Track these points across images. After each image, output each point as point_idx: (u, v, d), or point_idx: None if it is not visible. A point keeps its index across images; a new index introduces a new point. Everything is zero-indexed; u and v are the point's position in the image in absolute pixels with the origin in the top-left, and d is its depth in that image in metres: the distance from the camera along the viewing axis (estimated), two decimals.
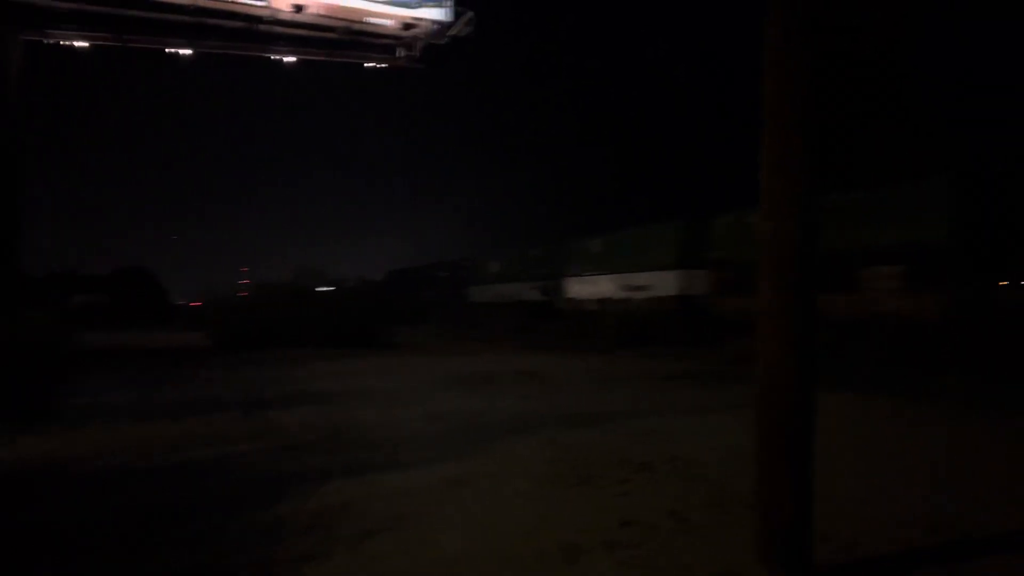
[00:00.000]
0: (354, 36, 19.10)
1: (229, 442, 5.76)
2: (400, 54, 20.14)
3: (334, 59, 19.72)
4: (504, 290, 28.12)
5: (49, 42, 16.78)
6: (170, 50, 17.70)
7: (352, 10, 18.46)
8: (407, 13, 19.04)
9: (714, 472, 4.52)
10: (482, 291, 30.16)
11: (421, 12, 19.14)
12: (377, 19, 18.97)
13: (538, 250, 26.66)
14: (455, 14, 19.47)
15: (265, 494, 4.18)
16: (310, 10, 17.78)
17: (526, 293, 26.03)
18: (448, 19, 19.57)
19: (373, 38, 19.65)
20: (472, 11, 19.72)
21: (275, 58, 18.70)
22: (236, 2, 16.85)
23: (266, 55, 18.56)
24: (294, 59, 18.96)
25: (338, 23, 18.62)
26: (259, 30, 17.72)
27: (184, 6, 16.51)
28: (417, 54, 20.07)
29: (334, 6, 18.01)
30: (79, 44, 17.05)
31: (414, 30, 19.51)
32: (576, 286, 23.13)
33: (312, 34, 18.59)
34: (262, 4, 17.20)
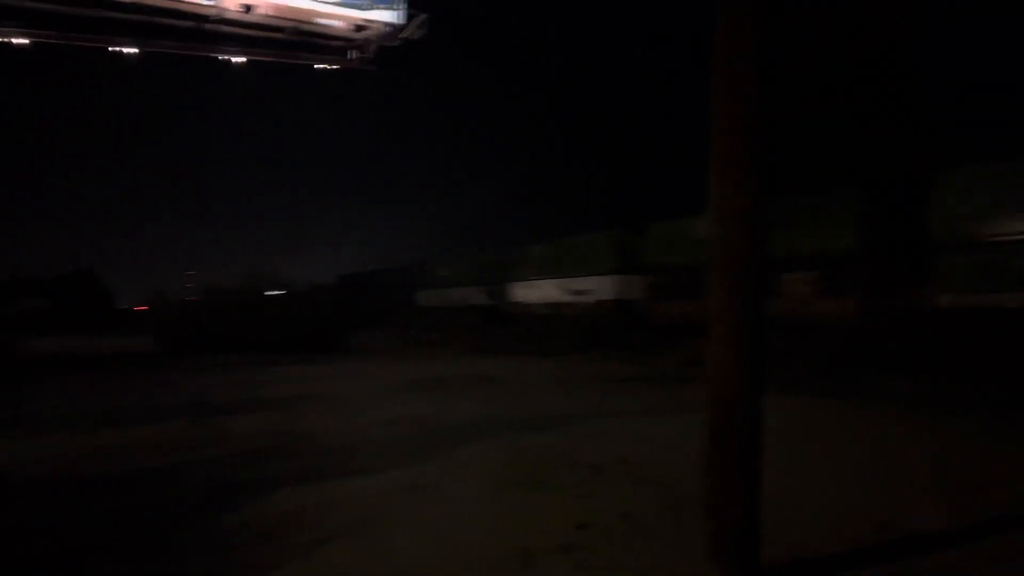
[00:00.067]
0: (304, 37, 18.86)
1: (178, 450, 5.65)
2: (352, 56, 19.97)
3: (284, 60, 19.44)
4: (454, 294, 28.19)
5: None
6: (115, 49, 17.16)
7: (302, 11, 18.22)
8: (358, 15, 18.89)
9: (667, 474, 4.61)
10: (432, 295, 30.14)
11: (373, 14, 19.01)
12: (328, 20, 18.77)
13: (486, 255, 26.86)
14: (407, 17, 19.40)
15: (216, 503, 4.13)
16: (259, 10, 17.48)
17: (475, 297, 26.18)
18: (400, 21, 19.48)
19: (324, 39, 19.44)
20: (425, 14, 19.68)
21: (223, 58, 18.32)
22: (183, 1, 16.45)
23: (215, 55, 18.16)
24: (244, 60, 18.60)
25: (288, 24, 18.35)
26: (208, 30, 17.33)
27: (129, 4, 16.03)
28: (369, 56, 19.93)
29: (283, 7, 17.73)
30: (19, 42, 16.39)
31: (366, 32, 19.36)
32: (522, 290, 23.42)
33: (262, 35, 18.29)
34: (210, 3, 16.82)
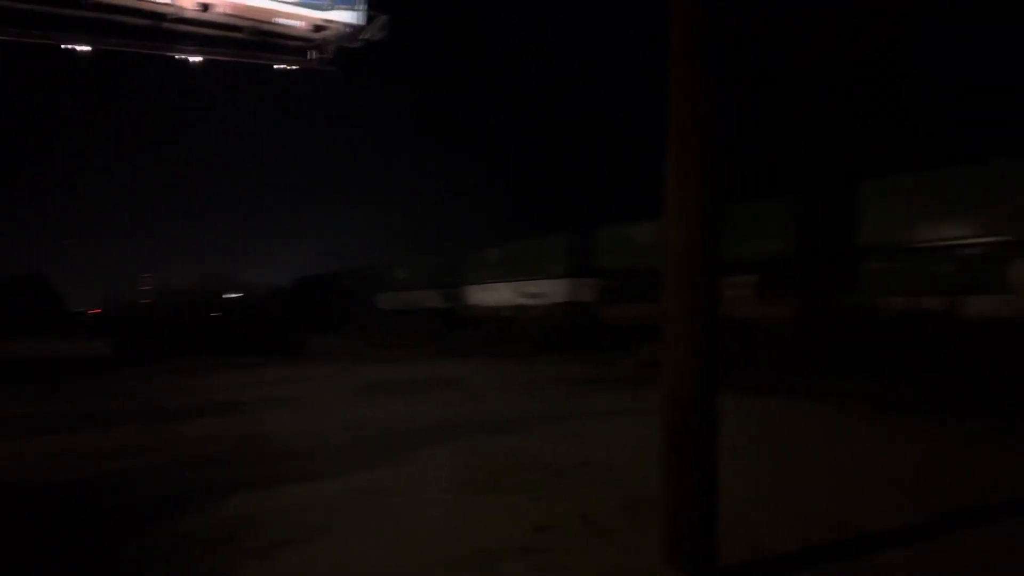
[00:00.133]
0: (263, 37, 18.62)
1: (130, 455, 5.57)
2: (311, 56, 19.79)
3: (242, 60, 19.16)
4: (411, 297, 28.21)
5: None
6: (67, 47, 16.67)
7: (260, 10, 17.99)
8: (318, 15, 18.72)
9: (625, 475, 4.72)
10: (390, 298, 30.08)
11: (333, 15, 18.87)
12: (287, 20, 18.56)
13: (443, 258, 26.98)
14: (368, 18, 19.30)
15: (168, 509, 4.12)
16: (217, 9, 17.20)
17: (432, 300, 26.28)
18: (361, 22, 19.37)
19: (283, 39, 19.23)
20: (386, 15, 19.61)
21: (180, 57, 17.97)
22: None
23: (171, 54, 17.81)
24: (201, 59, 18.28)
25: (246, 23, 18.09)
26: (165, 28, 16.99)
27: (84, 1, 15.60)
28: (329, 57, 19.77)
29: (241, 5, 17.49)
30: None
31: (325, 32, 19.21)
32: (479, 293, 23.62)
33: (220, 34, 17.99)
34: (167, 1, 16.49)
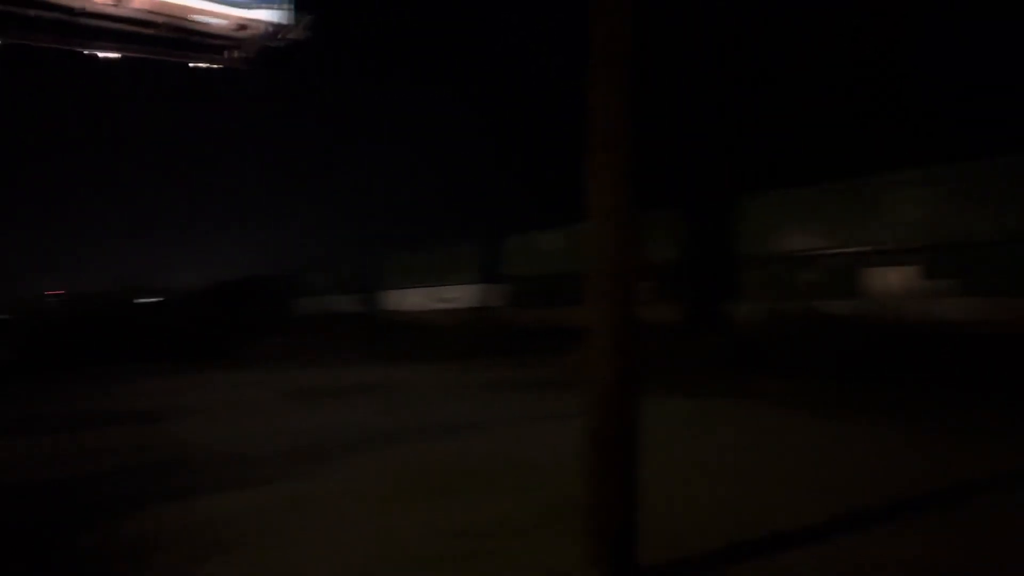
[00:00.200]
0: (181, 34, 18.03)
1: (37, 468, 5.32)
2: (234, 55, 19.29)
3: (159, 57, 18.50)
4: (331, 301, 28.09)
5: None
6: None
7: (178, 7, 17.40)
8: (240, 13, 18.25)
9: (553, 479, 4.86)
10: (311, 302, 29.82)
11: (256, 13, 18.44)
12: (205, 17, 18.04)
13: (362, 263, 27.11)
14: (294, 17, 18.98)
15: (81, 522, 4.01)
16: (132, 4, 16.56)
17: (352, 305, 26.29)
18: (285, 21, 19.01)
19: (203, 37, 18.66)
20: (312, 15, 19.33)
21: (88, 53, 17.20)
22: None
23: (83, 50, 17.02)
24: (117, 56, 17.55)
25: (161, 19, 17.48)
26: (79, 23, 16.23)
27: None
28: (251, 56, 19.34)
29: (157, 1, 16.89)
30: None
31: (248, 31, 18.76)
32: (398, 298, 23.86)
33: (135, 30, 17.31)
34: None
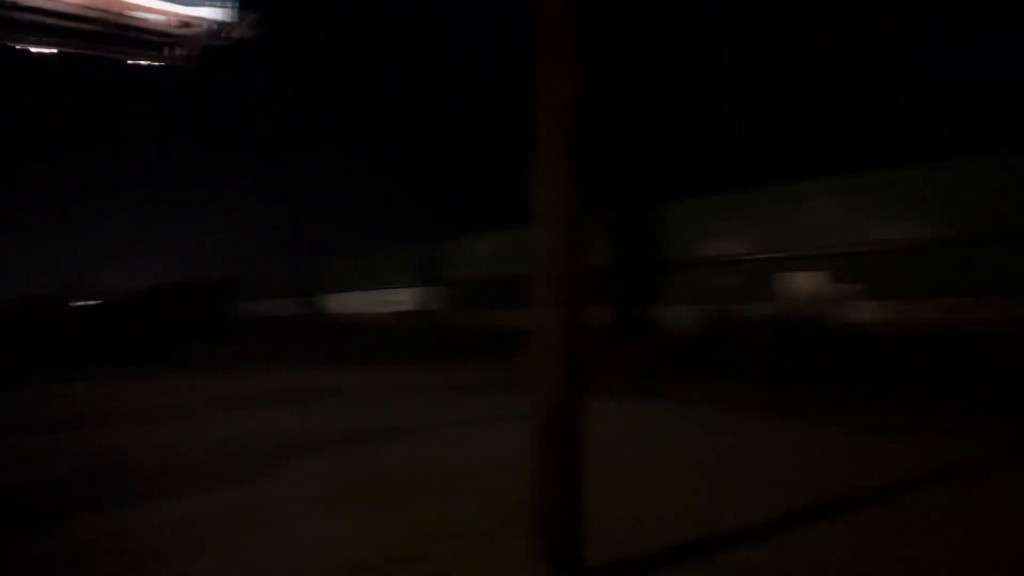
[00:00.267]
0: (120, 30, 17.51)
1: None
2: (175, 53, 18.85)
3: (98, 54, 17.91)
4: (276, 305, 27.75)
5: None
6: None
7: (116, 2, 16.92)
8: (182, 10, 17.88)
9: (502, 481, 4.83)
10: (254, 305, 29.31)
11: (198, 10, 18.09)
12: (145, 14, 17.59)
13: (304, 266, 27.10)
14: (238, 15, 18.69)
15: (24, 529, 3.90)
16: None
17: (296, 308, 26.08)
18: (229, 19, 18.70)
19: (142, 33, 18.17)
20: (256, 13, 19.07)
21: (21, 48, 16.52)
22: None
23: (15, 45, 16.32)
24: (52, 51, 16.91)
25: (98, 15, 16.94)
26: (10, 17, 15.56)
27: None
28: (194, 54, 18.94)
29: None
30: None
31: (190, 29, 18.38)
32: (343, 301, 23.88)
33: (72, 25, 16.73)
34: None
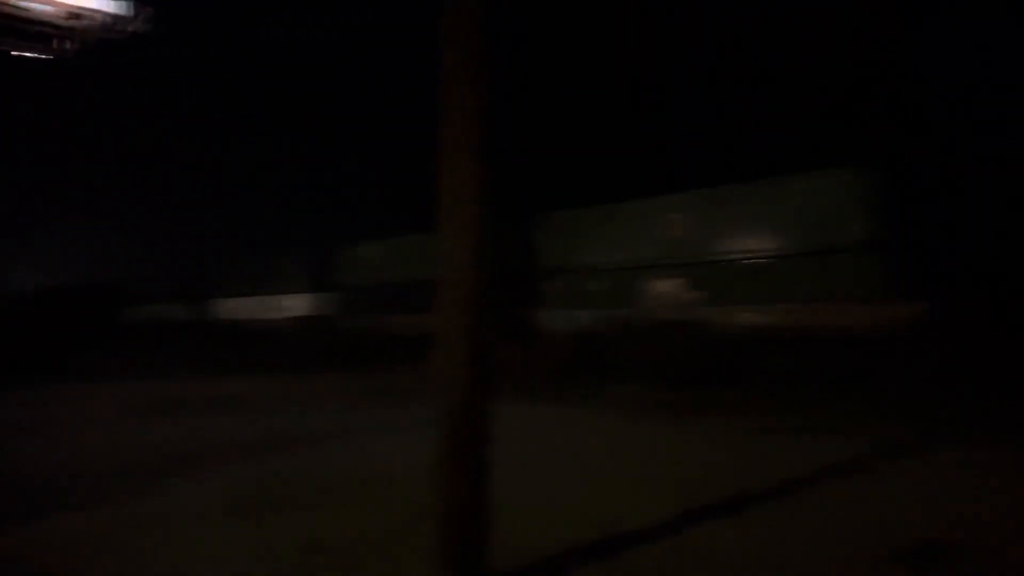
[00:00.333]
0: (6, 20, 16.72)
1: None
2: (66, 46, 18.14)
3: None
4: (164, 310, 26.72)
5: None
6: None
7: None
8: (73, 2, 17.32)
9: (406, 489, 4.69)
10: (142, 311, 27.89)
11: (90, 3, 17.58)
12: (34, 5, 16.89)
13: (195, 271, 26.27)
14: (132, 9, 18.28)
15: None
16: None
17: (184, 313, 25.33)
18: (123, 12, 18.27)
19: (28, 25, 17.40)
20: (151, 7, 18.72)
21: None
22: None
23: None
24: None
25: None
26: None
27: None
28: (87, 47, 18.32)
29: None
30: None
31: (82, 21, 17.80)
32: (230, 307, 23.54)
33: None
34: None
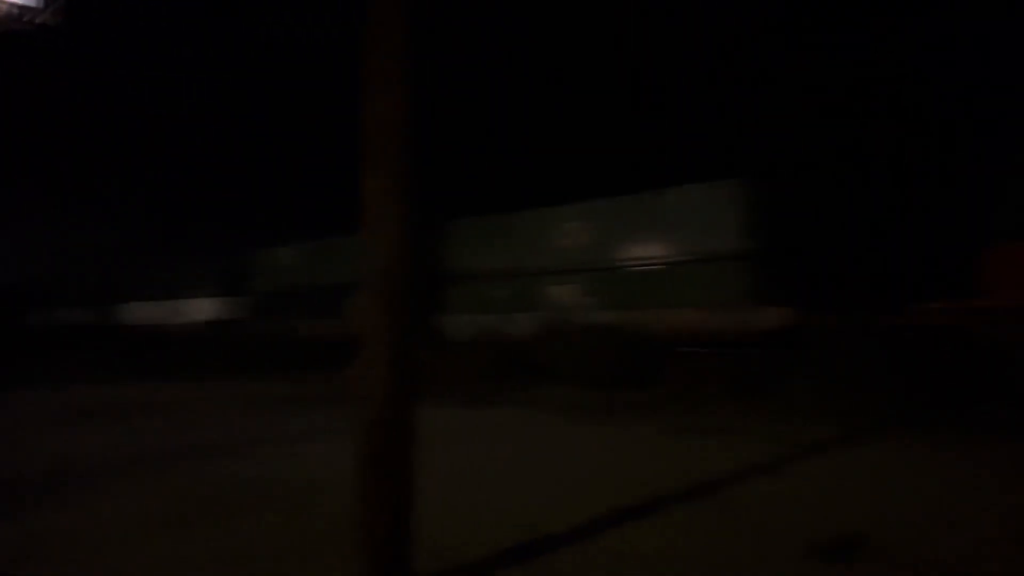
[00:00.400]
0: None
1: None
2: None
3: None
4: (65, 315, 25.48)
5: None
6: None
7: None
8: None
9: (331, 497, 4.70)
10: (42, 315, 26.34)
11: None
12: None
13: (99, 273, 25.26)
14: (44, 1, 17.58)
15: None
16: None
17: (88, 318, 24.30)
18: (34, 4, 17.61)
19: None
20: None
21: None
22: None
23: None
24: None
25: None
26: None
27: None
28: None
29: None
30: None
31: None
32: (135, 311, 22.92)
33: None
34: None
